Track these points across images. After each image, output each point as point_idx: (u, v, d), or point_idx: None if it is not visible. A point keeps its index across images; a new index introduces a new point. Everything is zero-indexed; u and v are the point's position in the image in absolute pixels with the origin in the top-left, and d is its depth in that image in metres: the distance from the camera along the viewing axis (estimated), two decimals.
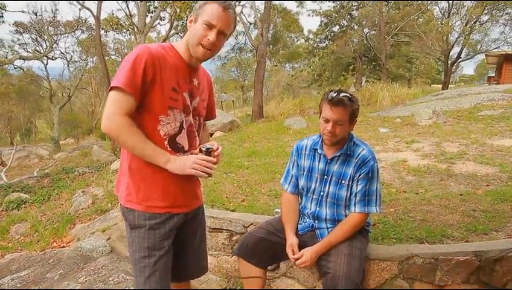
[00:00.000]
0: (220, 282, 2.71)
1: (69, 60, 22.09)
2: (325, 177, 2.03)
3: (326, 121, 1.90)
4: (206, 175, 1.51)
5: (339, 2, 22.40)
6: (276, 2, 22.89)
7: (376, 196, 1.95)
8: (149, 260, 1.53)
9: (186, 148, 1.59)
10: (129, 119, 1.40)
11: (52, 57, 20.18)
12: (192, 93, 1.59)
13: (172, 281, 1.64)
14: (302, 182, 2.13)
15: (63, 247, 3.75)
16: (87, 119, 29.88)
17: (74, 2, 15.23)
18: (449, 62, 20.95)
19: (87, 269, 3.07)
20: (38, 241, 3.98)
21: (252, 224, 2.59)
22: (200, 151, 1.55)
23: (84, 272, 3.02)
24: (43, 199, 5.65)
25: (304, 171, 2.12)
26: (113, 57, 25.98)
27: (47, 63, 20.35)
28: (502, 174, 3.78)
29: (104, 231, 3.86)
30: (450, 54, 20.72)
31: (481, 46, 21.46)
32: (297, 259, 1.92)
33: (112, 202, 4.69)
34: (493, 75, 27.59)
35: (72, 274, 3.00)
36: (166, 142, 1.52)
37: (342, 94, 1.88)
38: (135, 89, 1.40)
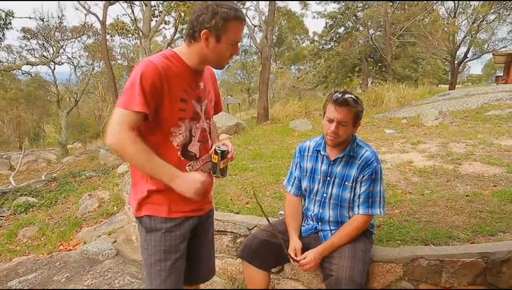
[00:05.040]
0: (224, 285, 2.71)
1: (75, 65, 22.33)
2: (328, 178, 2.02)
3: (330, 121, 1.89)
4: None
5: (343, 4, 22.38)
6: (281, 4, 22.94)
7: (380, 198, 1.94)
8: (165, 263, 1.53)
9: (198, 155, 1.59)
10: (134, 134, 1.38)
11: (59, 62, 20.40)
12: (199, 98, 1.57)
13: (184, 284, 1.65)
14: (305, 184, 2.12)
15: (70, 250, 3.77)
16: (94, 123, 30.13)
17: (80, 8, 15.38)
18: (456, 62, 20.81)
19: (93, 272, 3.09)
20: (45, 245, 4.01)
21: (256, 226, 2.59)
22: (216, 153, 1.57)
23: (90, 275, 3.04)
24: (51, 203, 5.70)
25: (306, 172, 2.11)
26: (119, 62, 26.21)
27: (54, 68, 20.61)
28: (509, 174, 3.73)
29: (110, 234, 3.88)
30: (457, 54, 20.58)
31: (488, 46, 21.28)
32: (300, 261, 1.91)
33: (118, 205, 4.73)
34: (501, 74, 27.34)
35: (78, 277, 3.02)
36: (179, 153, 1.52)
37: (346, 95, 1.88)
38: (150, 109, 1.39)
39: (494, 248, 2.14)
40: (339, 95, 1.88)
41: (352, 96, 1.90)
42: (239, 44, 1.54)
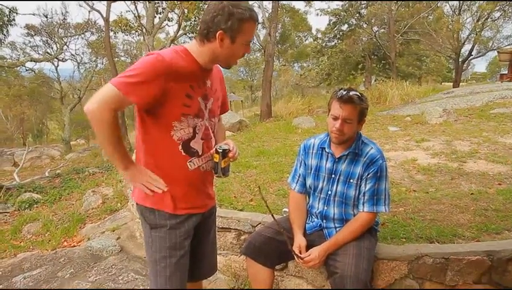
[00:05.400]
0: (228, 281, 2.71)
1: (79, 61, 22.34)
2: (333, 176, 2.01)
3: (335, 118, 1.89)
4: (151, 193, 1.52)
5: (347, 1, 22.27)
6: (284, 2, 22.86)
7: (385, 195, 1.93)
8: (170, 260, 1.54)
9: (200, 152, 1.59)
10: (116, 113, 1.38)
11: (63, 58, 20.44)
12: (206, 96, 1.57)
13: (187, 281, 1.66)
14: (309, 181, 2.11)
15: (74, 246, 3.79)
16: None
17: (84, 5, 15.37)
18: (460, 60, 20.70)
19: (97, 268, 3.10)
20: (49, 241, 4.04)
21: (260, 223, 2.59)
22: (217, 152, 1.56)
23: (94, 271, 3.06)
24: (55, 199, 5.74)
25: (311, 170, 2.10)
26: (122, 58, 26.19)
27: (57, 65, 20.65)
28: None
29: (113, 231, 3.90)
30: (461, 52, 20.48)
31: (493, 43, 21.15)
32: (304, 258, 1.91)
33: (122, 202, 4.75)
34: (506, 72, 27.17)
35: (82, 273, 3.04)
36: (180, 147, 1.53)
37: (351, 92, 1.88)
38: (143, 100, 1.39)
39: (499, 246, 2.13)
40: (344, 92, 1.88)
41: (357, 93, 1.89)
42: None
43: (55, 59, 20.06)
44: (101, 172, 7.30)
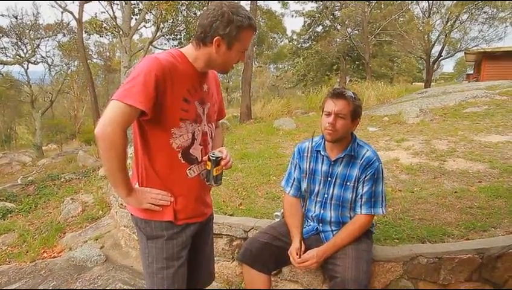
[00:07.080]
0: (221, 288, 2.66)
1: (50, 64, 21.55)
2: (329, 179, 2.01)
3: (328, 114, 1.90)
4: (160, 208, 1.49)
5: (321, 3, 22.57)
6: (261, 3, 22.93)
7: (382, 197, 1.95)
8: (167, 271, 1.51)
9: (200, 159, 1.55)
10: (125, 133, 1.33)
11: (34, 61, 19.65)
12: (203, 100, 1.54)
13: None
14: (305, 185, 2.10)
15: (54, 257, 3.63)
16: (69, 124, 29.27)
17: (56, 6, 14.81)
18: (431, 60, 21.36)
19: (82, 279, 2.98)
20: (27, 252, 3.85)
21: (252, 228, 2.56)
22: (209, 159, 1.52)
23: (78, 283, 2.94)
24: (30, 208, 5.51)
25: (306, 173, 2.09)
26: (95, 60, 25.49)
27: (27, 68, 19.84)
28: (492, 170, 3.85)
29: (96, 240, 3.77)
30: (432, 52, 21.14)
31: (461, 45, 21.89)
32: (302, 258, 1.90)
33: (103, 209, 4.59)
34: (471, 72, 28.28)
35: (66, 286, 2.91)
36: (179, 155, 1.49)
37: (344, 90, 1.91)
38: (150, 105, 1.34)
39: (488, 243, 2.20)
40: (337, 90, 1.91)
41: (351, 91, 1.92)
42: None
43: (26, 62, 19.27)
44: (78, 178, 7.05)
